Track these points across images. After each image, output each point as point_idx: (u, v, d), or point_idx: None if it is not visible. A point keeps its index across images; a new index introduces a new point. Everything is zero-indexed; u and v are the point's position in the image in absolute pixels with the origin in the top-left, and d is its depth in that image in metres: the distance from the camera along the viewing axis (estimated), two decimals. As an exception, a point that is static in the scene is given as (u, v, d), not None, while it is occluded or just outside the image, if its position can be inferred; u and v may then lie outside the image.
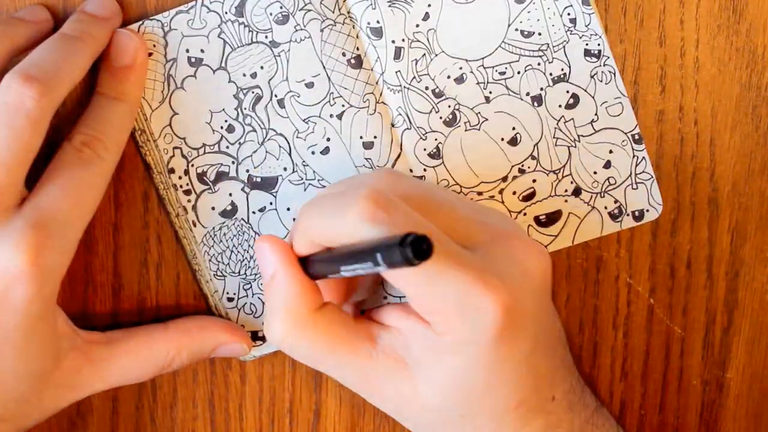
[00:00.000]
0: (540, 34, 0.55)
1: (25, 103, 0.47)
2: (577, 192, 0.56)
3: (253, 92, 0.54)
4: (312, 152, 0.55)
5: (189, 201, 0.54)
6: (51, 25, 0.52)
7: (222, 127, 0.54)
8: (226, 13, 0.53)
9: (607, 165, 0.56)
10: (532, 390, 0.50)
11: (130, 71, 0.52)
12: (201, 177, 0.54)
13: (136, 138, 0.54)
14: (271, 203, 0.55)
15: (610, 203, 0.57)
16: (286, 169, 0.55)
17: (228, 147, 0.54)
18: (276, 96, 0.54)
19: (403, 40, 0.54)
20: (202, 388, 0.57)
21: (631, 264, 0.58)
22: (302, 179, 0.55)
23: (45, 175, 0.49)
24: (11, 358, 0.49)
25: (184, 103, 0.54)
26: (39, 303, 0.48)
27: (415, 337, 0.49)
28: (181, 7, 0.53)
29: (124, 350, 0.53)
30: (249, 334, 0.55)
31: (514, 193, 0.56)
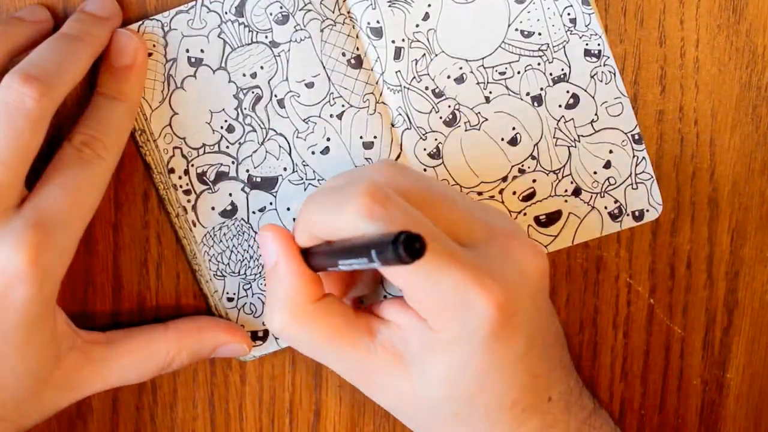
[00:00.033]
0: (540, 34, 0.55)
1: (25, 102, 0.47)
2: (577, 192, 0.56)
3: (253, 92, 0.54)
4: (312, 152, 0.55)
5: (189, 201, 0.54)
6: (51, 25, 0.52)
7: (222, 127, 0.54)
8: (226, 13, 0.53)
9: (607, 165, 0.56)
10: (527, 390, 0.50)
11: (130, 71, 0.52)
12: (201, 177, 0.54)
13: (136, 138, 0.54)
14: (271, 203, 0.55)
15: (610, 203, 0.57)
16: (286, 169, 0.55)
17: (228, 147, 0.54)
18: (276, 96, 0.54)
19: (403, 40, 0.54)
20: (202, 388, 0.57)
21: (631, 264, 0.58)
22: (302, 179, 0.55)
23: (45, 175, 0.49)
24: (11, 358, 0.49)
25: (184, 103, 0.54)
26: (39, 303, 0.48)
27: (413, 332, 0.49)
28: (181, 7, 0.53)
29: (124, 350, 0.53)
30: (249, 334, 0.55)
31: (514, 193, 0.56)
